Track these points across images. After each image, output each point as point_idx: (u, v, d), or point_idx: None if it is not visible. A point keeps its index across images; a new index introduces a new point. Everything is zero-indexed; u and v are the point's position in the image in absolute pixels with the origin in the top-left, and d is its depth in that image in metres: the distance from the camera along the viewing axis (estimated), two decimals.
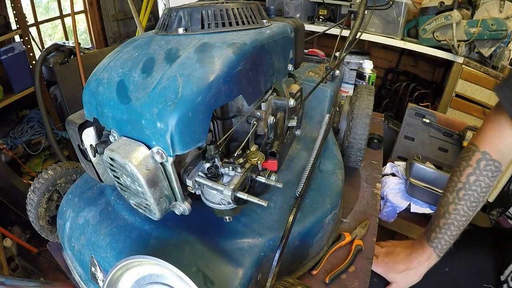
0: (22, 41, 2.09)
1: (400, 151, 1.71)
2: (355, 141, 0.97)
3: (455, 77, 1.84)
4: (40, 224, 0.80)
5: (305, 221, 0.68)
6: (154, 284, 0.48)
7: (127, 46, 0.59)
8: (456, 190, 0.70)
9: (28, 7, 2.39)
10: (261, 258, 0.59)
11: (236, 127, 0.63)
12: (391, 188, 1.36)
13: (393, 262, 0.76)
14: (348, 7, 2.02)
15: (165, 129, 0.46)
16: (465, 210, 0.69)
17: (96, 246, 0.61)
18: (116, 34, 3.11)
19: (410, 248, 0.77)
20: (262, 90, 0.61)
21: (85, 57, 2.24)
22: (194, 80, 0.47)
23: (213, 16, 0.58)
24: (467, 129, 1.49)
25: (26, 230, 1.89)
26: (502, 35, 1.63)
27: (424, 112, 1.62)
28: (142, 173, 0.47)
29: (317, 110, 0.97)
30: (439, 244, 0.72)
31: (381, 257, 0.79)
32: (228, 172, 0.55)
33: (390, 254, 0.78)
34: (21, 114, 2.25)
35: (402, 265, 0.75)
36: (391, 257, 0.78)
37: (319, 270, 0.73)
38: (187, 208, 0.56)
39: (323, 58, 1.25)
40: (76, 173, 0.84)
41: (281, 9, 0.81)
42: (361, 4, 1.06)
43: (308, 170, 0.74)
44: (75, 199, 0.72)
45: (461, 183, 0.69)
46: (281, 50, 0.66)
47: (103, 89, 0.53)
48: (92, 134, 0.60)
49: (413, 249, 0.76)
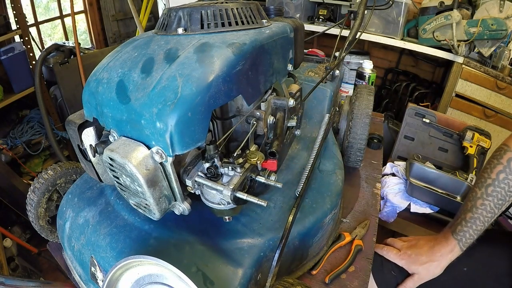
0: (22, 41, 2.08)
1: (400, 151, 1.71)
2: (355, 141, 0.97)
3: (455, 77, 1.83)
4: (40, 224, 0.80)
5: (305, 221, 0.68)
6: (154, 284, 0.48)
7: (127, 46, 0.59)
8: (485, 186, 0.72)
9: (28, 7, 2.39)
10: (261, 258, 0.59)
11: (236, 127, 0.63)
12: (391, 188, 1.36)
13: (416, 254, 0.77)
14: (348, 7, 2.02)
15: (165, 129, 0.46)
16: (491, 206, 0.70)
17: (96, 246, 0.61)
18: (116, 34, 3.11)
19: (433, 241, 0.78)
20: (262, 90, 0.61)
21: (85, 57, 2.24)
22: (194, 80, 0.47)
23: (212, 16, 0.58)
24: (467, 129, 1.49)
25: (26, 230, 1.89)
26: (502, 35, 1.63)
27: (424, 112, 1.61)
28: (141, 173, 0.47)
29: (317, 110, 0.97)
30: (464, 238, 0.73)
31: (404, 249, 0.79)
32: (227, 172, 0.55)
33: (413, 247, 0.79)
34: (21, 114, 2.25)
35: (425, 257, 0.76)
36: (414, 249, 0.78)
37: (319, 270, 0.73)
38: (186, 208, 0.56)
39: (323, 58, 1.25)
40: (76, 173, 0.84)
41: (280, 9, 0.81)
42: (361, 4, 1.06)
43: (308, 170, 0.74)
44: (75, 199, 0.72)
45: (491, 180, 0.71)
46: (281, 50, 0.66)
47: (103, 89, 0.53)
48: (91, 134, 0.60)
49: (436, 241, 0.77)
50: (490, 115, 1.80)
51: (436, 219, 1.30)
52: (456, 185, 1.32)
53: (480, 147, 1.46)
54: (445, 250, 0.74)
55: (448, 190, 1.33)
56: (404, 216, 1.34)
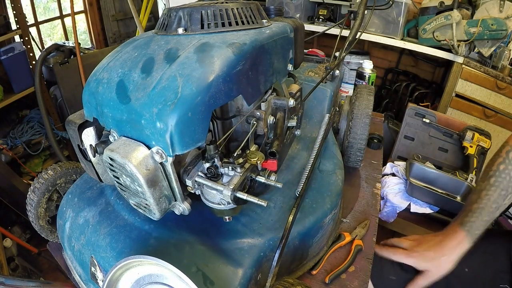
0: (22, 41, 2.08)
1: (400, 151, 1.71)
2: (355, 141, 0.97)
3: (455, 77, 1.84)
4: (40, 224, 0.80)
5: (305, 221, 0.68)
6: (154, 284, 0.48)
7: (127, 46, 0.59)
8: (487, 177, 0.74)
9: (28, 7, 2.39)
10: (261, 258, 0.59)
11: (236, 127, 0.63)
12: (391, 188, 1.36)
13: (424, 250, 0.76)
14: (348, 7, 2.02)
15: (165, 129, 0.46)
16: (495, 197, 0.72)
17: (96, 246, 0.61)
18: (116, 34, 3.11)
19: (441, 236, 0.77)
20: (262, 90, 0.61)
21: (85, 57, 2.24)
22: (194, 80, 0.47)
23: (212, 16, 0.58)
24: (467, 129, 1.49)
25: (26, 230, 1.89)
26: (502, 35, 1.63)
27: (424, 112, 1.61)
28: (141, 173, 0.47)
29: (317, 110, 0.97)
30: (471, 228, 0.73)
31: (411, 247, 0.78)
32: (227, 172, 0.55)
33: (421, 244, 0.78)
34: (21, 114, 2.25)
35: (433, 252, 0.74)
36: (421, 246, 0.77)
37: (319, 270, 0.73)
38: (186, 208, 0.56)
39: (323, 58, 1.25)
40: (76, 173, 0.84)
41: (281, 9, 0.81)
42: (361, 4, 1.06)
43: (308, 170, 0.74)
44: (75, 199, 0.72)
45: (492, 171, 0.74)
46: (281, 50, 0.66)
47: (103, 89, 0.53)
48: (92, 134, 0.60)
49: (444, 236, 0.76)
50: (490, 115, 1.80)
51: (436, 219, 1.30)
52: (456, 185, 1.32)
53: (480, 147, 1.47)
54: (454, 243, 0.73)
55: (448, 190, 1.33)
56: (404, 216, 1.34)
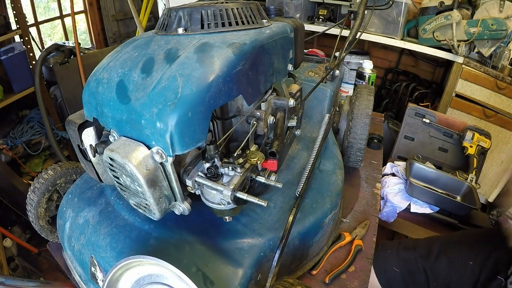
0: (22, 41, 2.08)
1: (400, 151, 1.71)
2: (355, 141, 0.97)
3: (455, 77, 1.83)
4: (40, 224, 0.80)
5: (305, 221, 0.68)
6: (154, 284, 0.48)
7: (127, 46, 0.59)
8: None
9: (28, 7, 2.39)
10: (261, 258, 0.59)
11: (236, 127, 0.63)
12: (391, 188, 1.36)
13: None
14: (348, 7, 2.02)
15: (165, 129, 0.46)
16: None
17: (96, 246, 0.61)
18: (116, 34, 3.11)
19: None
20: (262, 90, 0.61)
21: (85, 57, 2.24)
22: (194, 80, 0.47)
23: (212, 16, 0.58)
24: (467, 129, 1.49)
25: (26, 230, 1.89)
26: (502, 35, 1.63)
27: (424, 112, 1.62)
28: (141, 173, 0.47)
29: (317, 110, 0.97)
30: None
31: None
32: (227, 172, 0.55)
33: None
34: (21, 114, 2.25)
35: None
36: None
37: (319, 270, 0.73)
38: (186, 208, 0.56)
39: (323, 58, 1.25)
40: (76, 173, 0.84)
41: (281, 9, 0.81)
42: (361, 4, 1.06)
43: (308, 170, 0.74)
44: (75, 199, 0.72)
45: None
46: (281, 50, 0.66)
47: (103, 89, 0.53)
48: (92, 134, 0.60)
49: None
50: (490, 115, 1.79)
51: (436, 219, 1.30)
52: (456, 185, 1.32)
53: (480, 147, 1.47)
54: None
55: (448, 190, 1.34)
56: (404, 216, 1.34)
